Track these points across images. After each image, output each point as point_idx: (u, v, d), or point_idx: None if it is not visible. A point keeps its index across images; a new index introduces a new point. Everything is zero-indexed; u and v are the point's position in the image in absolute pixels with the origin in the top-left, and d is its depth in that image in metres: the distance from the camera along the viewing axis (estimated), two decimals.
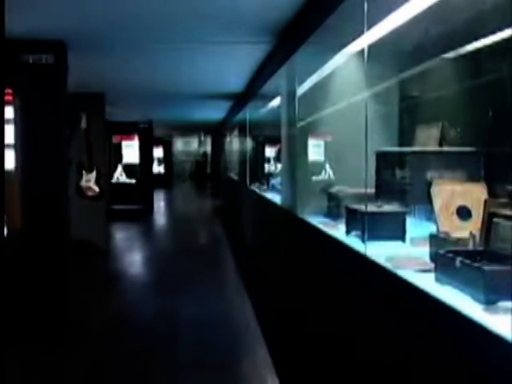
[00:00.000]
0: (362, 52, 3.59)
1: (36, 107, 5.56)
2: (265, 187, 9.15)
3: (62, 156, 5.64)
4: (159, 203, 19.78)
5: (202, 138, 31.85)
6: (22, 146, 5.54)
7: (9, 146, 5.52)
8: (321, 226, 4.31)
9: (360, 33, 3.54)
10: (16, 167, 5.53)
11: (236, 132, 14.15)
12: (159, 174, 26.84)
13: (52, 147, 5.57)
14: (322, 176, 5.45)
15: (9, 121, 5.53)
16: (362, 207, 3.55)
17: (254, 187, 9.83)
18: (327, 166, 5.46)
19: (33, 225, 5.55)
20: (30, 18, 4.96)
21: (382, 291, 2.77)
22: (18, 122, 5.53)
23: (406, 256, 2.98)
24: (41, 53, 5.53)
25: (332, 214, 4.66)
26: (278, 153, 8.64)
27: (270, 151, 11.28)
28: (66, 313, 5.63)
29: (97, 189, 9.68)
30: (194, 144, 34.15)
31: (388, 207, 3.66)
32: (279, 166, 9.56)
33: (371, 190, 3.91)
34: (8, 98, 5.53)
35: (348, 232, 3.81)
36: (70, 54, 5.64)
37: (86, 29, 5.37)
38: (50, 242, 5.56)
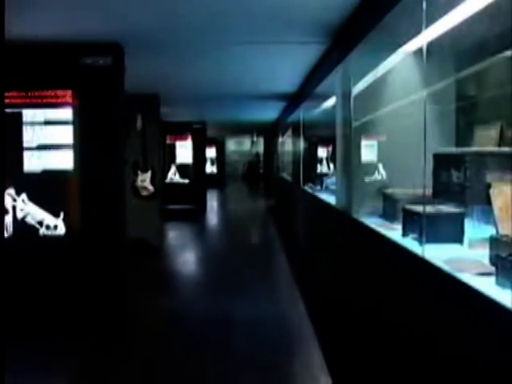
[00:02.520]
0: (418, 51, 3.55)
1: (94, 108, 5.67)
2: (318, 188, 9.10)
3: (119, 156, 5.73)
4: (212, 203, 19.90)
5: (255, 139, 31.91)
6: (81, 147, 5.65)
7: (68, 146, 5.65)
8: (376, 228, 4.27)
9: (417, 31, 3.49)
10: (75, 167, 5.64)
11: (289, 132, 14.13)
12: (212, 174, 26.99)
13: (109, 148, 5.66)
14: (375, 177, 5.39)
15: (68, 122, 5.66)
16: (419, 208, 3.50)
17: (307, 187, 9.80)
18: (380, 167, 5.41)
19: (91, 224, 5.65)
20: (89, 21, 5.06)
21: (441, 294, 2.72)
22: (76, 123, 5.64)
23: (464, 259, 2.93)
24: (99, 55, 5.63)
25: (388, 215, 4.61)
26: (333, 153, 8.59)
27: (322, 151, 11.23)
28: (122, 311, 5.71)
29: (152, 188, 9.81)
30: (246, 144, 34.27)
31: (446, 209, 3.60)
32: (332, 166, 9.51)
33: (428, 191, 3.85)
34: (67, 99, 5.66)
35: (405, 234, 3.76)
36: (127, 55, 5.73)
37: (141, 31, 5.44)
38: (107, 241, 5.65)
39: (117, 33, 5.41)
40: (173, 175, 15.69)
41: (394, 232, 3.96)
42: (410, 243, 3.48)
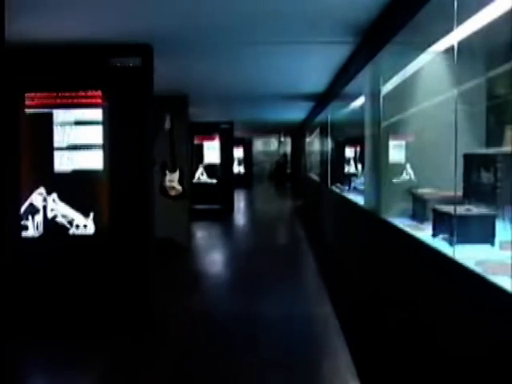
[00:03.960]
0: (448, 50, 3.52)
1: (123, 109, 5.70)
2: (346, 188, 9.07)
3: (148, 156, 5.76)
4: (239, 203, 19.93)
5: (282, 139, 31.88)
6: (110, 147, 5.69)
7: (97, 146, 5.70)
8: (406, 228, 4.24)
9: (448, 30, 3.46)
10: (104, 167, 5.69)
11: (316, 132, 14.10)
12: (239, 174, 27.02)
13: (138, 148, 5.70)
14: (403, 177, 5.36)
15: (98, 122, 5.71)
16: (450, 209, 3.47)
17: (335, 188, 9.77)
18: (408, 167, 5.37)
19: (120, 223, 5.69)
20: (118, 23, 5.11)
21: (472, 296, 2.69)
22: (106, 123, 5.69)
23: (496, 261, 2.89)
24: (128, 56, 5.66)
25: (417, 215, 4.58)
26: (361, 153, 8.54)
27: (349, 151, 11.18)
28: (150, 310, 5.73)
29: (180, 188, 9.85)
30: (273, 144, 34.24)
31: (477, 210, 3.56)
32: (359, 166, 9.47)
33: (459, 192, 3.82)
34: (97, 100, 5.71)
35: (435, 234, 3.73)
36: (156, 56, 5.76)
37: (170, 31, 5.47)
38: (136, 240, 5.68)
39: (146, 33, 5.44)
40: (200, 175, 15.76)
41: (423, 233, 3.94)
42: (440, 244, 3.46)
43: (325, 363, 4.76)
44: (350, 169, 10.89)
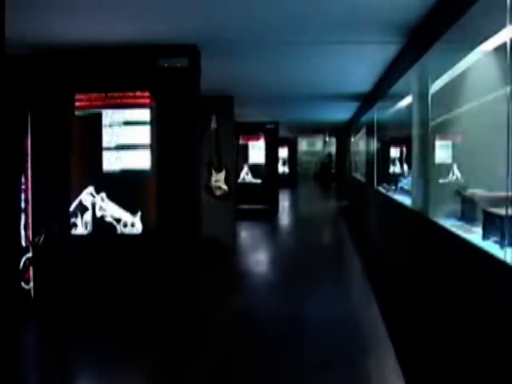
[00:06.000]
0: (500, 48, 3.45)
1: (171, 109, 5.77)
2: (393, 188, 8.97)
3: (195, 156, 5.81)
4: (284, 203, 19.91)
5: (327, 139, 31.74)
6: (158, 147, 5.76)
7: (145, 146, 5.77)
8: (455, 230, 4.18)
9: (499, 28, 3.40)
10: (152, 167, 5.75)
11: (362, 132, 14.01)
12: (283, 174, 26.98)
13: (186, 148, 5.75)
14: (450, 178, 5.29)
15: (145, 122, 5.78)
16: (501, 211, 3.40)
17: (381, 188, 9.69)
18: (455, 168, 5.30)
19: (167, 223, 5.75)
20: (166, 24, 5.16)
21: None
22: (153, 123, 5.76)
23: None
24: (175, 57, 5.72)
25: (466, 217, 4.51)
26: (408, 153, 8.45)
27: (394, 151, 11.07)
28: (196, 308, 5.77)
29: (226, 188, 9.90)
30: (318, 144, 34.13)
31: None
32: (405, 166, 9.36)
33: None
34: (145, 100, 5.78)
35: (485, 236, 3.66)
36: (202, 57, 5.80)
37: (217, 32, 5.51)
38: (182, 239, 5.74)
39: (193, 35, 5.49)
40: (245, 175, 15.81)
41: (473, 235, 3.87)
42: (491, 246, 3.40)
43: (369, 364, 4.73)
44: (395, 169, 10.79)
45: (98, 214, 5.86)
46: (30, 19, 4.82)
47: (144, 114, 5.78)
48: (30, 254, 5.87)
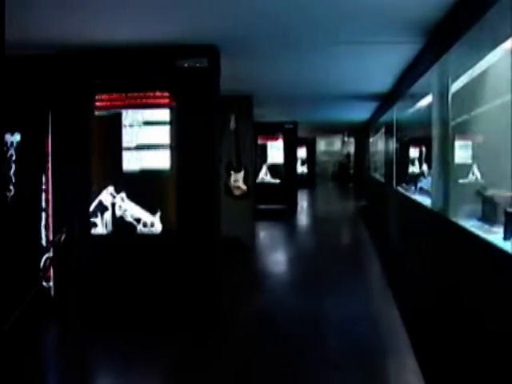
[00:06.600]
0: None
1: (190, 109, 5.78)
2: (412, 188, 8.93)
3: (214, 156, 5.82)
4: (302, 203, 19.89)
5: (346, 139, 31.65)
6: (177, 147, 5.78)
7: (165, 146, 5.80)
8: (475, 230, 4.15)
9: None
10: (171, 167, 5.77)
11: (381, 132, 13.96)
12: (302, 174, 26.93)
13: (205, 148, 5.77)
14: (469, 178, 5.25)
15: (165, 122, 5.80)
16: None
17: (400, 188, 9.65)
18: (475, 168, 5.26)
19: (186, 222, 5.76)
20: (185, 24, 5.18)
21: None
22: (173, 123, 5.78)
23: None
24: (195, 57, 5.73)
25: (487, 217, 4.48)
26: (427, 153, 8.40)
27: (413, 152, 11.02)
28: (215, 309, 5.78)
29: (245, 188, 9.92)
30: (336, 144, 34.04)
31: None
32: (424, 167, 9.31)
33: None
34: (164, 100, 5.81)
35: (506, 237, 3.64)
36: (222, 57, 5.81)
37: (236, 33, 5.51)
38: (202, 239, 5.75)
39: (212, 35, 5.50)
40: (264, 175, 15.82)
41: (494, 235, 3.85)
42: None
43: (389, 365, 4.71)
44: (414, 169, 10.73)
45: (118, 213, 5.89)
46: (53, 20, 4.86)
47: (164, 114, 5.80)
48: (50, 254, 5.92)
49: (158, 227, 5.81)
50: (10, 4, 4.32)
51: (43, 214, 5.99)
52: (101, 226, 5.91)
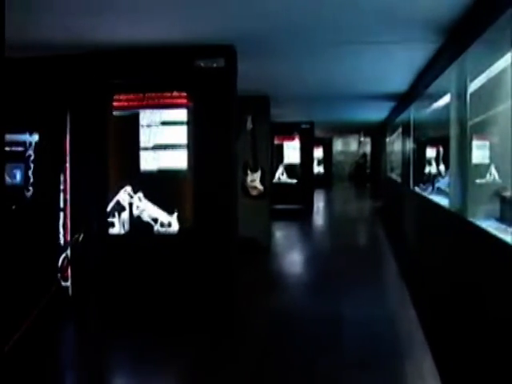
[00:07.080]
0: None
1: (208, 109, 5.79)
2: (430, 189, 8.88)
3: (232, 156, 5.82)
4: (319, 203, 19.87)
5: (362, 139, 31.54)
6: (195, 147, 5.79)
7: (182, 146, 5.81)
8: (493, 231, 4.13)
9: None
10: (188, 167, 5.79)
11: (398, 132, 13.91)
12: (318, 175, 26.89)
13: (222, 148, 5.77)
14: (487, 178, 5.22)
15: (182, 123, 5.82)
16: None
17: (417, 188, 9.61)
18: (492, 168, 5.23)
19: (203, 222, 5.77)
20: (202, 25, 5.18)
21: None
22: (190, 123, 5.79)
23: None
24: (212, 57, 5.74)
25: (505, 218, 4.45)
26: (445, 153, 8.36)
27: (430, 152, 10.96)
28: (232, 309, 5.78)
29: (262, 188, 9.93)
30: (353, 144, 33.93)
31: None
32: (441, 167, 9.26)
33: None
34: (182, 100, 5.82)
35: None
36: (238, 57, 5.81)
37: (253, 33, 5.51)
38: (219, 239, 5.75)
39: (229, 35, 5.50)
40: (280, 175, 15.82)
41: None
42: None
43: (406, 366, 4.70)
44: (431, 169, 10.68)
45: (135, 213, 5.91)
46: (72, 20, 4.90)
47: (181, 114, 5.81)
48: (68, 253, 5.96)
49: (175, 227, 5.82)
50: (30, 6, 4.38)
51: (61, 214, 6.03)
52: (118, 226, 5.94)
